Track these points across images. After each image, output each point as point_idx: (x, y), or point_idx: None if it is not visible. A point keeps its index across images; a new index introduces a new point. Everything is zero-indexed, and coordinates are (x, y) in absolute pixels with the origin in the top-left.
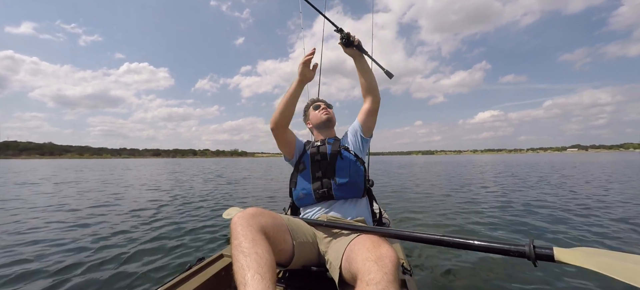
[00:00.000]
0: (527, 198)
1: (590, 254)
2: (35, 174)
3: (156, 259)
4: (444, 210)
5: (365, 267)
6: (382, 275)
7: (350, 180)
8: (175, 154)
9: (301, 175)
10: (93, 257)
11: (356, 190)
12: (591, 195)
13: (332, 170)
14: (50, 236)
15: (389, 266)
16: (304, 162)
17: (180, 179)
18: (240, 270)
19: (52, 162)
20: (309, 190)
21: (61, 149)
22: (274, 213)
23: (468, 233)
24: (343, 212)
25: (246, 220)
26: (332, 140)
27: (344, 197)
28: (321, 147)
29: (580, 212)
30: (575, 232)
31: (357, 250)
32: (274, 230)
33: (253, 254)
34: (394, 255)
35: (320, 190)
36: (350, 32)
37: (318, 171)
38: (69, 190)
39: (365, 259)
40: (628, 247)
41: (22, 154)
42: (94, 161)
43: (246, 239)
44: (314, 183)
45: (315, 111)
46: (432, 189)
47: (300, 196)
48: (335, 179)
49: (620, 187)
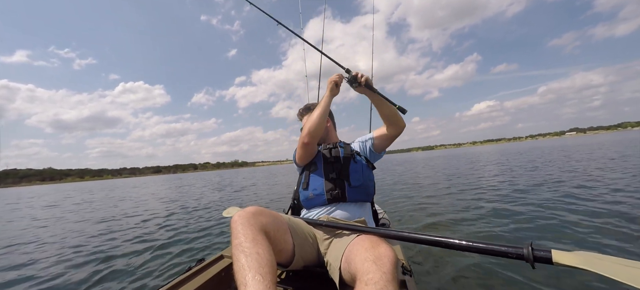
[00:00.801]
0: (530, 195)
1: (589, 257)
2: (43, 199)
3: (157, 260)
4: (443, 209)
5: (364, 267)
6: (380, 274)
7: (363, 184)
8: (175, 170)
9: (313, 175)
10: (100, 259)
11: (367, 194)
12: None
13: (346, 173)
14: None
15: (387, 265)
16: (316, 163)
17: (189, 192)
18: (241, 270)
19: (59, 187)
20: (321, 190)
21: (61, 173)
22: (274, 212)
23: (468, 234)
24: (349, 214)
25: (247, 219)
26: (342, 144)
27: (355, 200)
28: (333, 150)
29: (589, 211)
30: (582, 233)
31: (355, 250)
32: (274, 229)
33: (254, 254)
34: (392, 254)
35: (334, 191)
36: (358, 73)
37: (332, 172)
38: (94, 206)
39: (364, 259)
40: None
41: (23, 181)
42: (99, 183)
43: (247, 238)
44: (326, 184)
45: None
46: (430, 188)
47: (310, 197)
48: (349, 181)
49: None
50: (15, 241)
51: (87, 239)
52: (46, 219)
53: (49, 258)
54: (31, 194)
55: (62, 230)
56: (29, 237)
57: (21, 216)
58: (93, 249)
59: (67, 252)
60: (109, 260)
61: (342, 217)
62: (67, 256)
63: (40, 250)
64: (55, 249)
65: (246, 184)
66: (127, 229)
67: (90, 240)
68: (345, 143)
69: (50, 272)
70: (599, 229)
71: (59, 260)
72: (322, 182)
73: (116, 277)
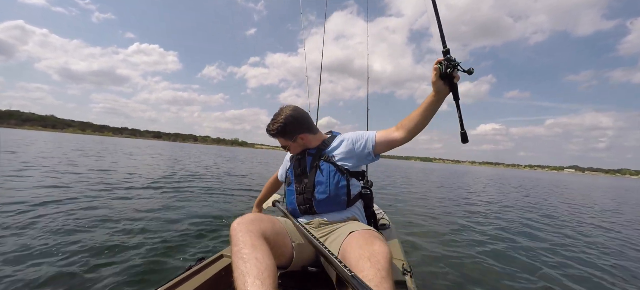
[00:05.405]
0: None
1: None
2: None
3: (157, 259)
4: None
5: (358, 264)
6: (375, 271)
7: (329, 196)
8: (175, 138)
9: (288, 189)
10: (93, 253)
11: (337, 203)
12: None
13: (311, 186)
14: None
15: (381, 262)
16: (289, 176)
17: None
18: (240, 276)
19: (60, 136)
20: (294, 205)
21: (63, 123)
22: (273, 217)
23: (468, 240)
24: (334, 219)
25: (245, 226)
26: (313, 150)
27: (326, 211)
28: (301, 160)
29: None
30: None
31: (350, 249)
32: (274, 234)
33: (252, 260)
34: (387, 251)
35: (302, 206)
36: (460, 63)
37: (299, 185)
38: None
39: (358, 256)
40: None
41: (25, 125)
42: (111, 139)
43: (245, 245)
44: (297, 197)
45: None
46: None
47: (289, 209)
48: (314, 196)
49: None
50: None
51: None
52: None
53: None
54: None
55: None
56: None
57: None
58: (89, 241)
59: (56, 240)
60: (104, 255)
61: (328, 220)
62: (57, 246)
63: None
64: (42, 230)
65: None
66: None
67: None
68: (317, 148)
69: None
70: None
71: (47, 249)
72: (294, 197)
73: (113, 272)
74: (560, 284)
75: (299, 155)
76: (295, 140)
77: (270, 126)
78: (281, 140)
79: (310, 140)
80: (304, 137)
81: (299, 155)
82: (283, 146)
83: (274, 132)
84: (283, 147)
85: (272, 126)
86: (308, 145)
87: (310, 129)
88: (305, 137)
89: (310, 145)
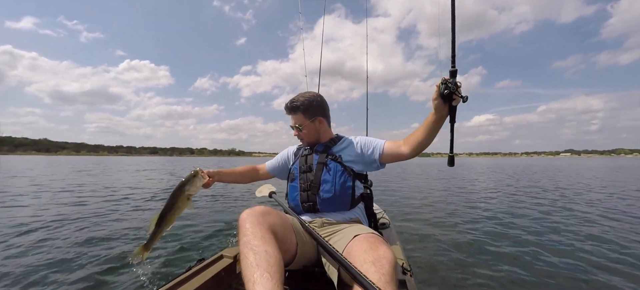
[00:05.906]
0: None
1: None
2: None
3: (157, 259)
4: (440, 217)
5: (363, 268)
6: (379, 276)
7: (335, 195)
8: (172, 153)
9: (291, 185)
10: (95, 256)
11: (342, 203)
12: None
13: (317, 184)
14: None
15: (386, 267)
16: (294, 172)
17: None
18: (249, 267)
19: (59, 159)
20: (297, 201)
21: (57, 146)
22: (281, 212)
23: (468, 240)
24: (337, 219)
25: (255, 218)
26: (321, 147)
27: (330, 210)
28: (309, 157)
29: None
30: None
31: (354, 252)
32: (281, 229)
33: (263, 253)
34: (391, 256)
35: (306, 204)
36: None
37: (305, 183)
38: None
39: (363, 260)
40: None
41: (18, 150)
42: (103, 158)
43: (255, 236)
44: (301, 194)
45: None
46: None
47: (292, 206)
48: (319, 194)
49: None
50: None
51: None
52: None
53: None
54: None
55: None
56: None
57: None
58: (89, 248)
59: (57, 245)
60: (106, 260)
61: (332, 220)
62: (56, 251)
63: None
64: (39, 241)
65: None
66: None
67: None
68: (325, 145)
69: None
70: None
71: (45, 260)
72: (297, 194)
73: (114, 275)
74: (561, 285)
75: (305, 151)
76: (314, 121)
77: (295, 99)
78: (299, 117)
79: (325, 129)
80: (322, 122)
81: (306, 152)
82: (295, 126)
83: (298, 104)
84: (294, 128)
85: (299, 99)
86: (321, 132)
87: (328, 119)
88: (323, 123)
89: (322, 135)
